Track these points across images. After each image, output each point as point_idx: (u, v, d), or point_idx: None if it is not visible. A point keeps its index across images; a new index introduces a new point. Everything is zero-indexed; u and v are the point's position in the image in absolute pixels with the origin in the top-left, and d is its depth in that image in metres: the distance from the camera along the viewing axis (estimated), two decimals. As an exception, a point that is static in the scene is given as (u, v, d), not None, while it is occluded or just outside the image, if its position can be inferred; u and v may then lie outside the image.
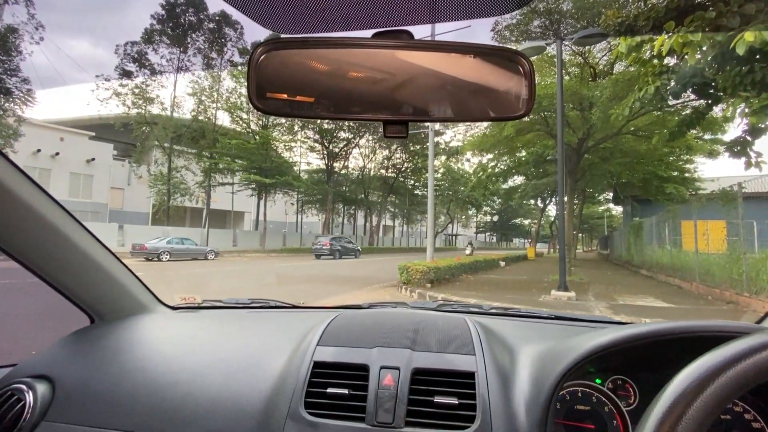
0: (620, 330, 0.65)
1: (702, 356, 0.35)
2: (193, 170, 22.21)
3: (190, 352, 0.87)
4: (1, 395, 0.79)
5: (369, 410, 0.64)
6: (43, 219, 0.84)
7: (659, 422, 0.32)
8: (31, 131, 17.66)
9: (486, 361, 0.72)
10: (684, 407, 0.32)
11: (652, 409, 0.34)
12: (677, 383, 0.34)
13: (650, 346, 0.64)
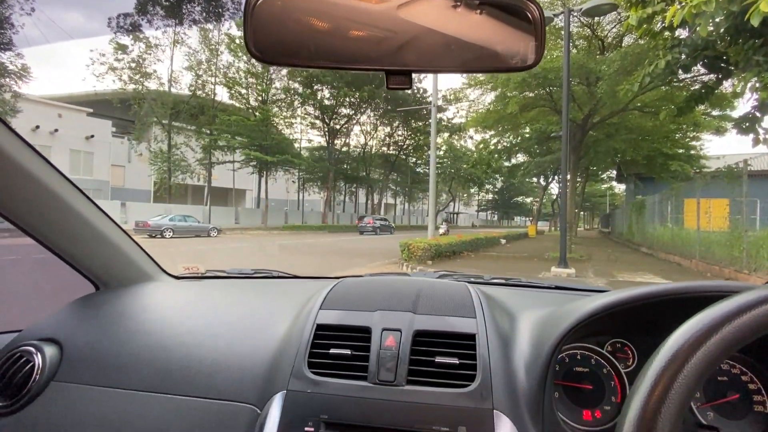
0: (619, 292, 0.66)
1: (701, 311, 0.34)
2: (192, 147, 22.03)
3: (193, 317, 0.89)
4: (10, 357, 0.80)
5: (371, 369, 0.65)
6: (45, 187, 0.84)
7: (657, 376, 0.32)
8: (29, 107, 17.44)
9: (487, 324, 0.72)
10: (682, 362, 0.32)
11: (650, 364, 0.34)
12: (675, 338, 0.33)
13: (649, 309, 0.64)
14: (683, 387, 0.31)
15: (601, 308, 0.65)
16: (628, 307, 0.64)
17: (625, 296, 0.65)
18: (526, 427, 0.60)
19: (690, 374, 0.31)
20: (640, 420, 0.31)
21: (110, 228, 1.04)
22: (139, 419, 0.69)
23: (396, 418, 0.59)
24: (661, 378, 0.31)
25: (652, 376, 0.32)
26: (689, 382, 0.31)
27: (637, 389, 0.33)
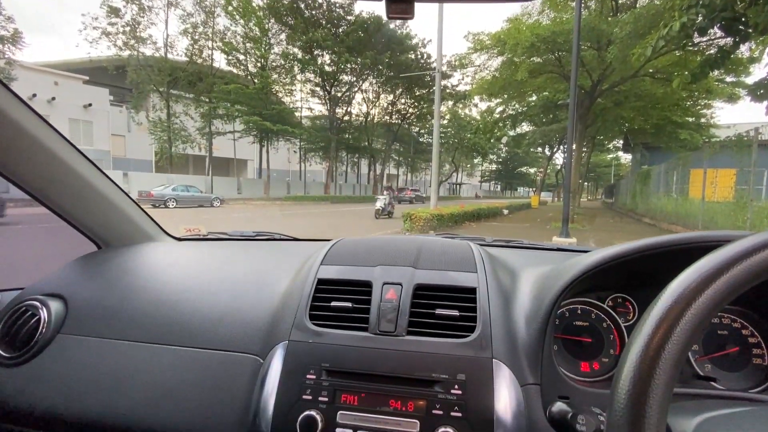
0: (620, 246, 0.65)
1: (703, 257, 0.33)
2: (192, 116, 21.68)
3: (196, 274, 0.89)
4: (16, 311, 0.82)
5: (372, 321, 0.66)
6: (46, 147, 0.84)
7: (658, 321, 0.31)
8: (24, 75, 17.05)
9: (488, 279, 0.72)
10: (683, 307, 0.31)
11: (651, 309, 0.33)
12: (677, 283, 0.33)
13: (650, 261, 0.63)
14: (684, 332, 0.30)
15: (602, 261, 0.65)
16: (628, 259, 0.63)
17: (626, 248, 0.64)
18: (524, 375, 0.61)
19: (691, 319, 0.30)
20: (639, 365, 0.31)
21: (111, 189, 1.04)
22: (145, 369, 0.71)
23: (396, 366, 0.60)
24: (662, 323, 0.31)
25: (652, 322, 0.32)
26: (690, 328, 0.30)
27: (637, 335, 0.32)
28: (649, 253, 0.62)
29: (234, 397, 0.66)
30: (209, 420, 0.65)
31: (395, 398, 0.58)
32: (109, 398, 0.69)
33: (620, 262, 0.64)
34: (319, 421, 0.56)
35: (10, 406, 0.73)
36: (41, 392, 0.72)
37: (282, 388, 0.61)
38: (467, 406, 0.56)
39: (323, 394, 0.59)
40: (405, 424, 0.56)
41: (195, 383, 0.68)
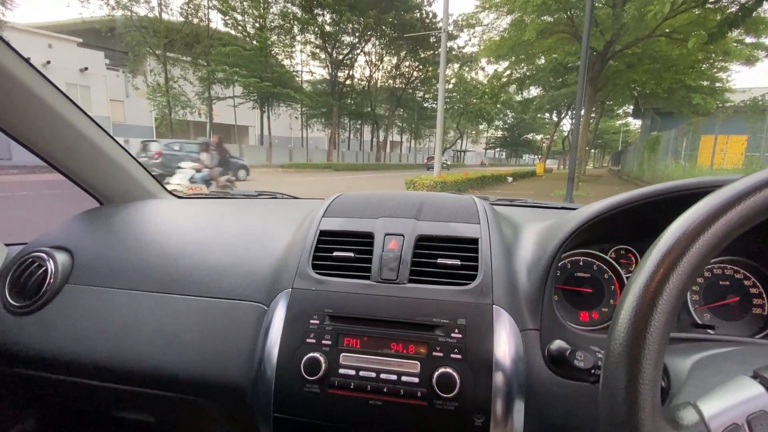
0: (622, 194, 0.64)
1: (704, 197, 0.32)
2: (190, 80, 21.12)
3: (199, 228, 0.90)
4: (23, 262, 0.83)
5: (374, 269, 0.67)
6: (46, 104, 0.84)
7: (658, 262, 0.31)
8: (16, 37, 16.53)
9: (490, 230, 0.72)
10: (684, 246, 0.30)
11: (651, 250, 0.32)
12: (678, 224, 0.32)
13: (654, 209, 0.62)
14: (683, 272, 0.30)
15: (604, 209, 0.64)
16: (630, 207, 0.62)
17: (628, 196, 0.63)
18: (524, 321, 0.61)
19: (690, 259, 0.30)
20: (639, 300, 0.30)
21: (112, 146, 1.04)
22: (151, 317, 0.73)
23: (397, 312, 0.61)
24: (663, 262, 0.30)
25: (652, 261, 0.31)
26: (689, 268, 0.30)
27: (637, 274, 0.32)
28: (651, 200, 0.61)
29: (239, 343, 0.67)
30: (215, 364, 0.67)
31: (396, 341, 0.60)
32: (118, 344, 0.72)
33: (623, 212, 0.63)
34: (323, 363, 0.58)
35: (25, 352, 0.75)
36: (53, 339, 0.75)
37: (286, 333, 0.62)
38: (467, 348, 0.57)
39: (326, 338, 0.61)
40: (406, 365, 0.58)
41: (200, 330, 0.70)
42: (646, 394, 0.30)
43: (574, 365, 0.47)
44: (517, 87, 19.88)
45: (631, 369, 0.30)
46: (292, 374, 0.59)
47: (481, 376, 0.56)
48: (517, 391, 0.56)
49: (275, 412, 0.60)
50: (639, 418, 0.29)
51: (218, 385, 0.67)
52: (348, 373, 0.58)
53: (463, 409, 0.55)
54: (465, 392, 0.55)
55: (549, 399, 0.58)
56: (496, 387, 0.55)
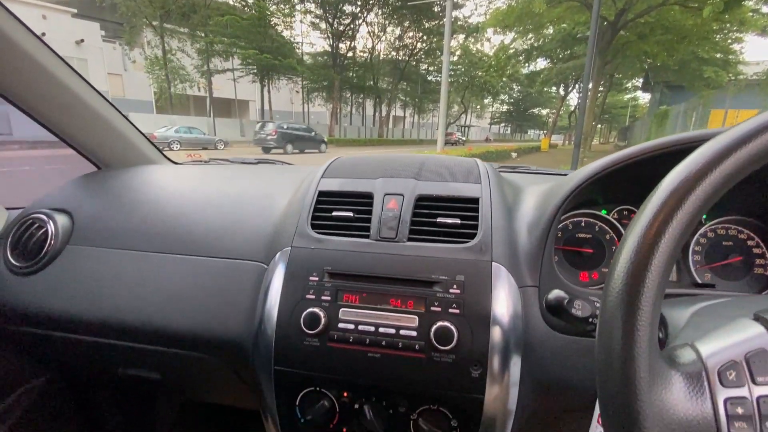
0: (625, 149, 0.62)
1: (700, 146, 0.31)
2: (188, 53, 20.63)
3: (199, 190, 0.89)
4: (23, 223, 0.83)
5: (373, 228, 0.66)
6: (44, 68, 0.85)
7: (658, 207, 0.30)
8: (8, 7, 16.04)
9: (492, 190, 0.71)
10: (684, 193, 0.29)
11: (648, 200, 0.31)
12: (677, 171, 0.31)
13: (655, 165, 0.60)
14: (683, 218, 0.29)
15: (606, 165, 0.62)
16: (634, 161, 0.61)
17: (630, 151, 0.61)
18: (523, 278, 0.61)
19: (691, 205, 0.29)
20: (638, 246, 0.30)
21: (110, 111, 1.03)
22: (154, 276, 0.73)
23: (396, 269, 0.61)
24: (663, 207, 0.30)
25: (653, 206, 0.30)
26: (690, 214, 0.29)
27: (636, 222, 0.31)
28: (652, 156, 0.59)
29: (240, 300, 0.68)
30: (217, 321, 0.68)
31: (395, 297, 0.60)
32: (121, 302, 0.73)
33: (625, 168, 0.62)
34: (322, 317, 0.59)
35: (30, 310, 0.77)
36: (56, 298, 0.76)
37: (286, 290, 0.62)
38: (465, 303, 0.58)
39: (326, 294, 0.61)
40: (404, 320, 0.58)
41: (201, 289, 0.71)
42: (642, 335, 0.29)
43: (571, 314, 0.47)
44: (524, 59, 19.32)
45: (628, 310, 0.30)
46: (292, 328, 0.60)
47: (478, 330, 0.56)
48: (514, 345, 0.57)
49: (276, 365, 0.61)
50: (635, 358, 0.29)
51: (220, 341, 0.68)
52: (347, 327, 0.59)
53: (461, 362, 0.56)
54: (462, 345, 0.56)
55: (545, 353, 0.59)
56: (493, 341, 0.56)
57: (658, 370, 0.30)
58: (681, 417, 0.29)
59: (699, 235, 0.71)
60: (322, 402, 0.61)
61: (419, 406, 0.59)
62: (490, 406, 0.56)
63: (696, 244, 0.71)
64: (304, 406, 0.62)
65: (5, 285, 0.79)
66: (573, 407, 0.61)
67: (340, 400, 0.61)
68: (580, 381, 0.58)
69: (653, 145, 0.60)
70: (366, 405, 0.60)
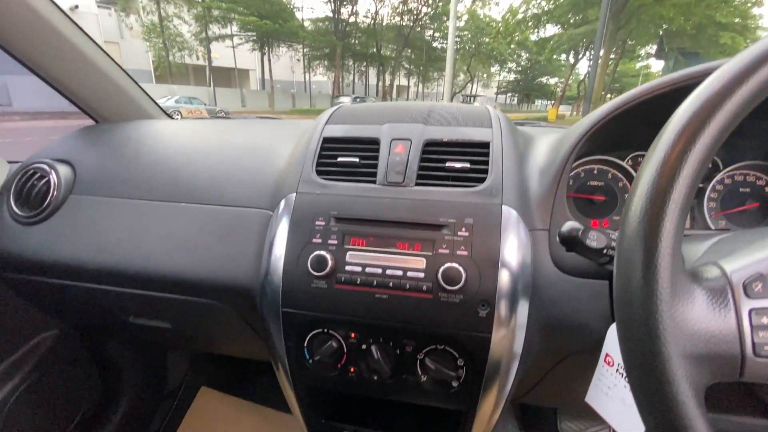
0: (641, 85, 0.59)
1: None
2: (186, 19, 19.94)
3: (201, 141, 0.87)
4: (25, 173, 0.82)
5: (380, 173, 0.65)
6: (44, 19, 0.83)
7: (680, 131, 0.28)
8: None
9: (503, 134, 0.68)
10: (705, 117, 0.28)
11: (670, 121, 0.29)
12: (696, 94, 0.29)
13: (672, 104, 0.58)
14: (709, 138, 0.28)
15: (620, 103, 0.60)
16: (649, 98, 0.58)
17: (645, 87, 0.58)
18: (533, 222, 0.60)
19: (717, 126, 0.27)
20: (659, 173, 0.28)
21: (109, 64, 1.01)
22: (159, 224, 0.73)
23: (403, 213, 0.60)
24: (685, 129, 0.28)
25: (674, 130, 0.29)
26: (716, 133, 0.27)
27: (655, 147, 0.29)
28: (669, 89, 0.56)
29: (246, 247, 0.67)
30: (224, 268, 0.68)
31: (402, 241, 0.59)
32: (128, 250, 0.72)
33: (640, 106, 0.59)
34: (329, 260, 0.58)
35: (36, 259, 0.77)
36: (63, 246, 0.76)
37: (292, 234, 0.62)
38: (473, 245, 0.57)
39: (332, 238, 0.60)
40: (412, 262, 0.58)
41: (207, 236, 0.70)
42: (666, 249, 0.28)
43: (585, 245, 0.46)
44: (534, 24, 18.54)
45: (652, 225, 0.28)
46: (300, 271, 0.60)
47: (486, 272, 0.56)
48: (523, 287, 0.56)
49: (284, 307, 0.61)
50: (657, 274, 0.28)
51: (228, 287, 0.68)
52: (354, 269, 0.58)
53: (468, 302, 0.55)
54: (470, 286, 0.55)
55: (554, 295, 0.58)
56: (501, 282, 0.55)
57: (679, 287, 0.29)
58: (702, 330, 0.28)
59: (716, 181, 0.69)
60: (330, 343, 0.61)
61: (426, 345, 0.59)
62: (497, 346, 0.56)
63: (712, 190, 0.69)
64: (313, 348, 0.63)
65: (11, 234, 0.79)
66: (579, 349, 0.61)
67: (348, 341, 0.61)
68: (587, 323, 0.57)
69: (669, 80, 0.56)
70: (373, 345, 0.60)
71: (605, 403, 0.54)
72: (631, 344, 0.30)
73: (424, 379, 0.61)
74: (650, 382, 0.28)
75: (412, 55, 33.20)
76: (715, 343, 0.28)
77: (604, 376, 0.54)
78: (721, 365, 0.28)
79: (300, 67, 28.85)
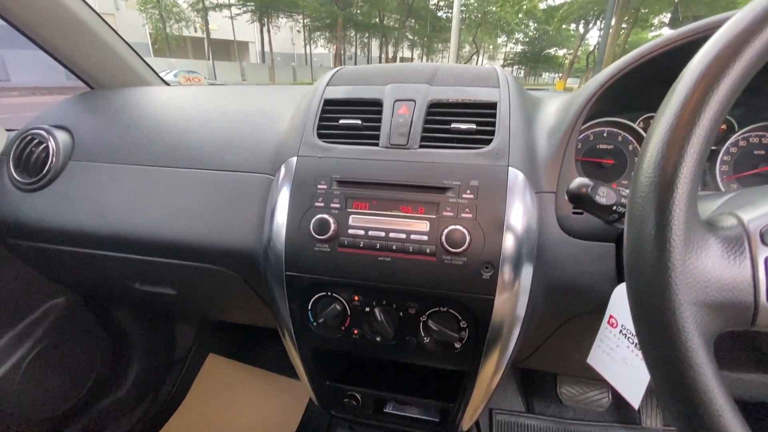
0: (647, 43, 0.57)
1: None
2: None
3: (200, 106, 0.85)
4: (24, 139, 0.81)
5: (383, 135, 0.63)
6: None
7: (698, 78, 0.27)
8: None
9: (511, 94, 0.66)
10: (729, 56, 0.26)
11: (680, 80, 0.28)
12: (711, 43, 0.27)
13: (686, 59, 0.55)
14: (730, 82, 0.26)
15: (633, 58, 0.57)
16: (660, 52, 0.55)
17: (659, 41, 0.55)
18: (540, 184, 0.59)
19: (739, 70, 0.26)
20: (674, 124, 0.27)
21: (106, 31, 0.98)
22: (160, 190, 0.72)
23: (407, 175, 0.59)
24: (703, 77, 0.27)
25: (691, 78, 0.27)
26: (738, 77, 0.26)
27: (671, 96, 0.28)
28: (682, 43, 0.53)
29: (248, 211, 0.67)
30: (226, 232, 0.68)
31: (406, 204, 0.58)
32: (130, 215, 0.72)
33: (652, 62, 0.56)
34: (332, 223, 0.57)
35: (39, 226, 0.77)
36: (65, 212, 0.75)
37: (294, 198, 0.61)
38: (478, 208, 0.56)
39: (335, 202, 0.59)
40: (415, 225, 0.57)
41: (208, 201, 0.70)
42: (681, 196, 0.27)
43: (595, 201, 0.44)
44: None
45: (667, 179, 0.27)
46: (302, 235, 0.59)
47: (491, 234, 0.55)
48: (527, 250, 0.56)
49: (287, 271, 0.61)
50: (671, 222, 0.27)
51: (230, 252, 0.68)
52: (357, 233, 0.58)
53: (472, 264, 0.55)
54: (474, 248, 0.55)
55: (559, 257, 0.58)
56: (506, 244, 0.55)
57: (694, 236, 0.28)
58: (715, 278, 0.27)
59: (729, 144, 0.66)
60: (334, 306, 0.61)
61: (429, 308, 0.59)
62: (500, 309, 0.56)
63: (725, 153, 0.67)
64: (317, 311, 0.63)
65: (13, 201, 0.79)
66: (583, 311, 0.61)
67: (351, 304, 0.62)
68: (592, 285, 0.57)
69: (683, 32, 0.53)
70: (377, 308, 0.61)
71: (607, 364, 0.54)
72: (641, 294, 0.29)
73: (426, 341, 0.62)
74: (659, 329, 0.27)
75: (416, 26, 32.07)
76: (728, 291, 0.27)
77: (606, 338, 0.54)
78: (733, 314, 0.28)
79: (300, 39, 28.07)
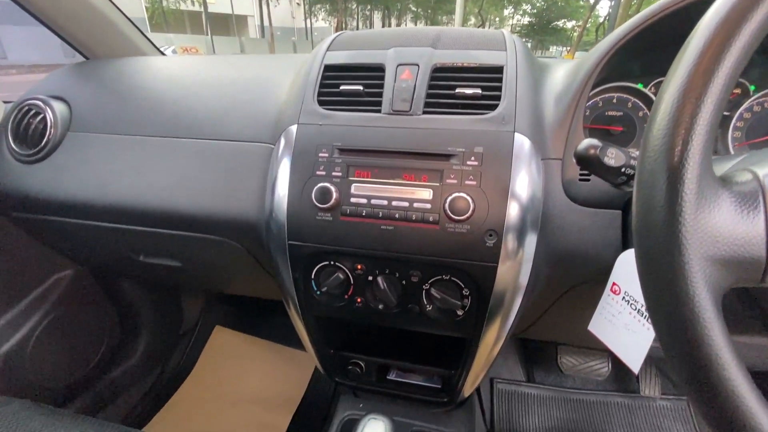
0: None
1: None
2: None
3: (198, 75, 0.84)
4: (21, 109, 0.80)
5: (385, 101, 0.62)
6: None
7: (715, 29, 0.26)
8: None
9: (518, 58, 0.63)
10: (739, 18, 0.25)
11: (698, 28, 0.27)
12: None
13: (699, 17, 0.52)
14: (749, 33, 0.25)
15: (644, 17, 0.54)
16: (671, 11, 0.52)
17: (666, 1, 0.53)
18: (546, 150, 0.57)
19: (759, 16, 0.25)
20: (689, 78, 0.26)
21: (100, 0, 0.95)
22: (160, 160, 0.71)
23: (410, 142, 0.58)
24: (730, 14, 0.25)
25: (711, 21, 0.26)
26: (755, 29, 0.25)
27: (687, 47, 0.27)
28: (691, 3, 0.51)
29: (249, 181, 0.66)
30: (228, 203, 0.67)
31: (409, 171, 0.57)
32: (131, 185, 0.72)
33: (662, 21, 0.53)
34: (334, 192, 0.57)
35: (41, 198, 0.77)
36: (66, 184, 0.75)
37: (295, 167, 0.60)
38: (483, 175, 0.55)
39: (336, 170, 0.58)
40: (418, 193, 0.56)
41: (208, 171, 0.69)
42: (697, 146, 0.25)
43: (603, 162, 0.43)
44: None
45: (681, 130, 0.26)
46: (304, 204, 0.59)
47: (495, 201, 0.54)
48: (532, 217, 0.55)
49: (290, 240, 0.61)
50: (684, 175, 0.26)
51: (232, 222, 0.68)
52: (359, 201, 0.57)
53: (475, 231, 0.54)
54: (478, 216, 0.54)
55: (564, 225, 0.57)
56: (510, 212, 0.54)
57: (707, 191, 0.27)
58: (727, 233, 0.27)
59: (743, 109, 0.64)
60: (337, 275, 0.62)
61: (432, 276, 0.59)
62: (503, 277, 0.56)
63: (739, 119, 0.64)
64: (320, 280, 0.63)
65: (13, 173, 0.79)
66: (586, 279, 0.61)
67: (354, 273, 0.62)
68: (596, 252, 0.57)
69: None
70: (379, 276, 0.61)
71: (608, 330, 0.55)
72: (650, 250, 0.28)
73: (429, 309, 0.62)
74: (667, 283, 0.26)
75: (420, -3, 31.02)
76: (739, 246, 0.27)
77: (609, 305, 0.54)
78: (744, 269, 0.27)
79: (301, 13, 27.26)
